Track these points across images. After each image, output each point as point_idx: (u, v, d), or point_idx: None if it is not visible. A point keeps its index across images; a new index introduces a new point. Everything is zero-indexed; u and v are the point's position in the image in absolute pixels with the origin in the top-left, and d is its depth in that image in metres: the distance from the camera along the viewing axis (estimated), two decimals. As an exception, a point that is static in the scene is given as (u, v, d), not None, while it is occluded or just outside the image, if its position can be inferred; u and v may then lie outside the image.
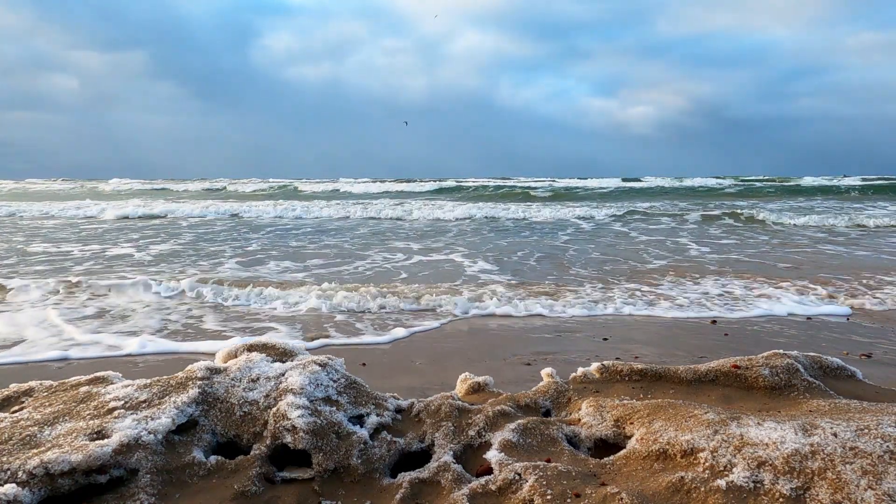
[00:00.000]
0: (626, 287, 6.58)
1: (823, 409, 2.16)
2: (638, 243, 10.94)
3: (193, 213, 18.87)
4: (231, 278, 7.05)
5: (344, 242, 11.39)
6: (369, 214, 18.19)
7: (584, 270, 7.86)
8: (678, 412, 2.13)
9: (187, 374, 2.39)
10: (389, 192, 34.71)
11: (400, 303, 5.77)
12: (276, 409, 2.16)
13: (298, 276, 7.56)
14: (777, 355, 2.64)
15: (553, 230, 13.66)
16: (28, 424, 2.07)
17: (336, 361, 2.54)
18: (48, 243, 11.18)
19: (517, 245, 10.79)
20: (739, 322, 5.16)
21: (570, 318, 5.34)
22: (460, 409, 2.34)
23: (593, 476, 1.88)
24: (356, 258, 9.20)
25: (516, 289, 6.47)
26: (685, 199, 25.07)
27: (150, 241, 11.56)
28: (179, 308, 5.85)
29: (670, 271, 7.66)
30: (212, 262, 8.82)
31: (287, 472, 2.04)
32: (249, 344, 2.72)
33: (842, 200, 23.40)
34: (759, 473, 1.72)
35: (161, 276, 7.11)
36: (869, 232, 12.60)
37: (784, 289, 6.33)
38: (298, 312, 5.64)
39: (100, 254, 9.81)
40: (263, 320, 5.40)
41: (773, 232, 12.81)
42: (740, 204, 21.25)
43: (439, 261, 9.01)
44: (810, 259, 8.76)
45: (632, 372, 2.64)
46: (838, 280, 6.84)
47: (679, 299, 5.96)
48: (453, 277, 7.43)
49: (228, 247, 10.73)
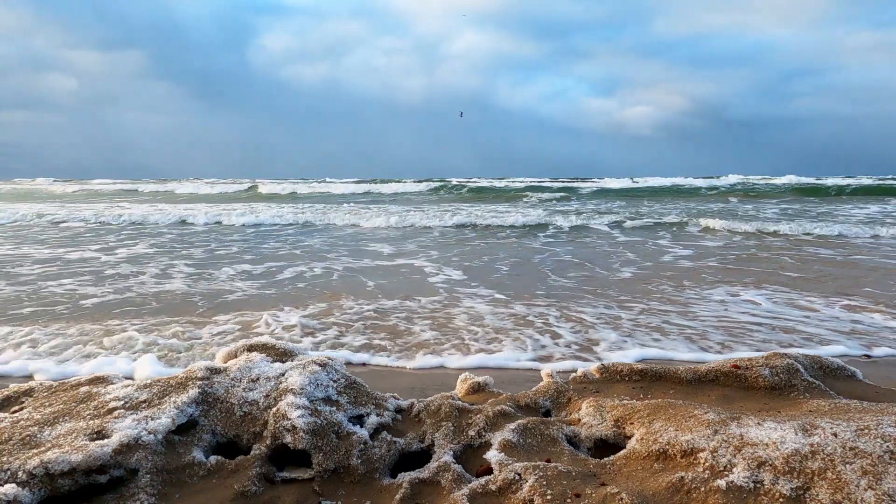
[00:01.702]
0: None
1: (823, 409, 2.16)
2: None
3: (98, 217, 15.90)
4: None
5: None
6: (309, 219, 15.46)
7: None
8: (678, 412, 2.13)
9: (187, 374, 2.39)
10: (372, 192, 32.75)
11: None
12: (276, 409, 2.16)
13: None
14: (777, 355, 2.65)
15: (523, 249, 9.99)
16: (28, 424, 2.07)
17: (336, 361, 2.54)
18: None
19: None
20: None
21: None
22: (460, 410, 2.34)
23: (593, 476, 1.88)
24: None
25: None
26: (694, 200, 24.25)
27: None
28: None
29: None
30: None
31: (287, 472, 2.04)
32: (250, 344, 2.72)
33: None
34: (759, 473, 1.72)
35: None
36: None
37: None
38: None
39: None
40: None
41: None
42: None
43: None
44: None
45: (632, 372, 2.64)
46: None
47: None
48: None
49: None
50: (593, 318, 5.04)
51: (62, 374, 3.69)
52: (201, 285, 6.63)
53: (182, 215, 16.32)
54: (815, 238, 11.11)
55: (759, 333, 4.64)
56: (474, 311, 5.33)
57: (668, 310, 5.37)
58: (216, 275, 7.34)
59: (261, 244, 10.72)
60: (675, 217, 14.85)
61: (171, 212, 17.51)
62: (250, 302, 5.76)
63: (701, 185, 32.08)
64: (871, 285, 6.47)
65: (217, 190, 37.17)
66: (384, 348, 4.25)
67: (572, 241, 11.15)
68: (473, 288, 6.41)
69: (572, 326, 4.80)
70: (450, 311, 5.32)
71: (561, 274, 7.34)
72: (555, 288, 6.43)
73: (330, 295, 6.07)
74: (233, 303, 5.74)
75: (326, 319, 5.04)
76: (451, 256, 8.98)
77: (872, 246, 9.99)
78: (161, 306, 5.59)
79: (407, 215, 15.82)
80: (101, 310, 5.44)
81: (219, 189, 37.89)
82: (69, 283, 6.69)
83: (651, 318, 5.04)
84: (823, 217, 15.24)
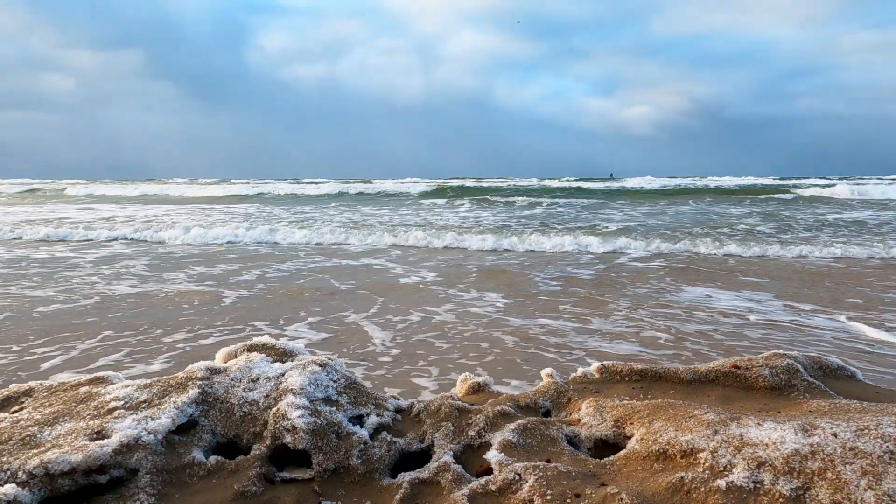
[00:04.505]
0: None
1: (823, 409, 2.16)
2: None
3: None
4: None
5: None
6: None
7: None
8: (678, 412, 2.13)
9: (187, 374, 2.39)
10: (348, 193, 30.73)
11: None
12: (276, 409, 2.16)
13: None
14: (777, 356, 2.65)
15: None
16: (28, 424, 2.07)
17: (336, 361, 2.54)
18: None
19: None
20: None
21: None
22: (460, 410, 2.34)
23: (593, 476, 1.88)
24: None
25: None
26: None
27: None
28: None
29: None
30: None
31: (287, 472, 2.04)
32: (249, 344, 2.72)
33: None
34: (759, 474, 1.72)
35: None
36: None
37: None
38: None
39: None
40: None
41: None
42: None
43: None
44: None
45: (632, 372, 2.64)
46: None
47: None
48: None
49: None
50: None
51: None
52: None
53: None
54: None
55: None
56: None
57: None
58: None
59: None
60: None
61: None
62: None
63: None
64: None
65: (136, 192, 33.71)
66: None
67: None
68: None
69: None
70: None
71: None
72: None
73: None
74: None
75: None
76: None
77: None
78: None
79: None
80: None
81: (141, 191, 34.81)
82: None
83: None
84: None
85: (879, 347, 4.58)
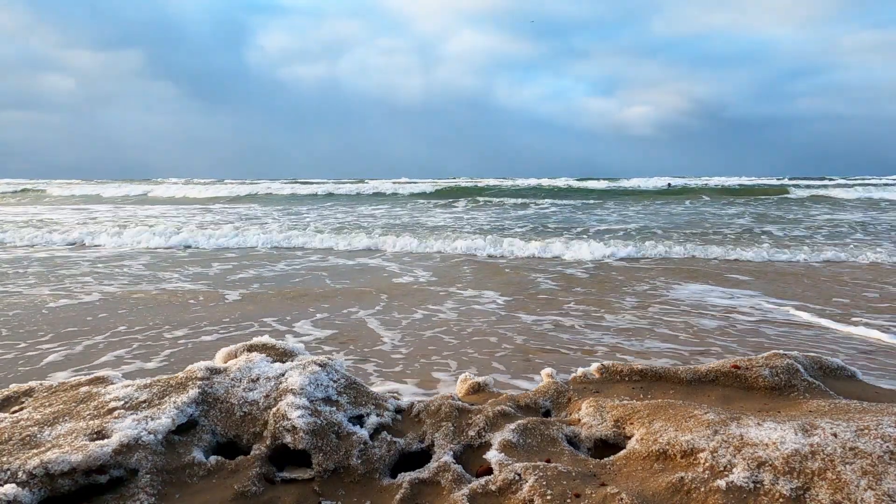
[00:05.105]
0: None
1: (823, 409, 2.16)
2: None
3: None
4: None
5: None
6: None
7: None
8: (678, 412, 2.13)
9: (187, 374, 2.39)
10: (334, 194, 28.73)
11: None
12: (276, 409, 2.16)
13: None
14: (777, 356, 2.64)
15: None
16: (28, 424, 2.07)
17: (336, 361, 2.54)
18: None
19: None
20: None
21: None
22: (460, 410, 2.34)
23: (593, 476, 1.88)
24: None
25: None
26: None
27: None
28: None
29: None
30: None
31: (287, 472, 2.04)
32: (249, 344, 2.72)
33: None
34: (759, 474, 1.72)
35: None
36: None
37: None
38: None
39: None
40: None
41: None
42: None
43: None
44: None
45: (632, 372, 2.64)
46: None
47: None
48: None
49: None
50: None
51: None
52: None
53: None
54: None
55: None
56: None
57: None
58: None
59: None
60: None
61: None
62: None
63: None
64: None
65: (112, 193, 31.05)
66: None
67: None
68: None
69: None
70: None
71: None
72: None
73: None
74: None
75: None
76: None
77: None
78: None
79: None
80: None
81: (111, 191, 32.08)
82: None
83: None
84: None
85: (880, 348, 4.58)
